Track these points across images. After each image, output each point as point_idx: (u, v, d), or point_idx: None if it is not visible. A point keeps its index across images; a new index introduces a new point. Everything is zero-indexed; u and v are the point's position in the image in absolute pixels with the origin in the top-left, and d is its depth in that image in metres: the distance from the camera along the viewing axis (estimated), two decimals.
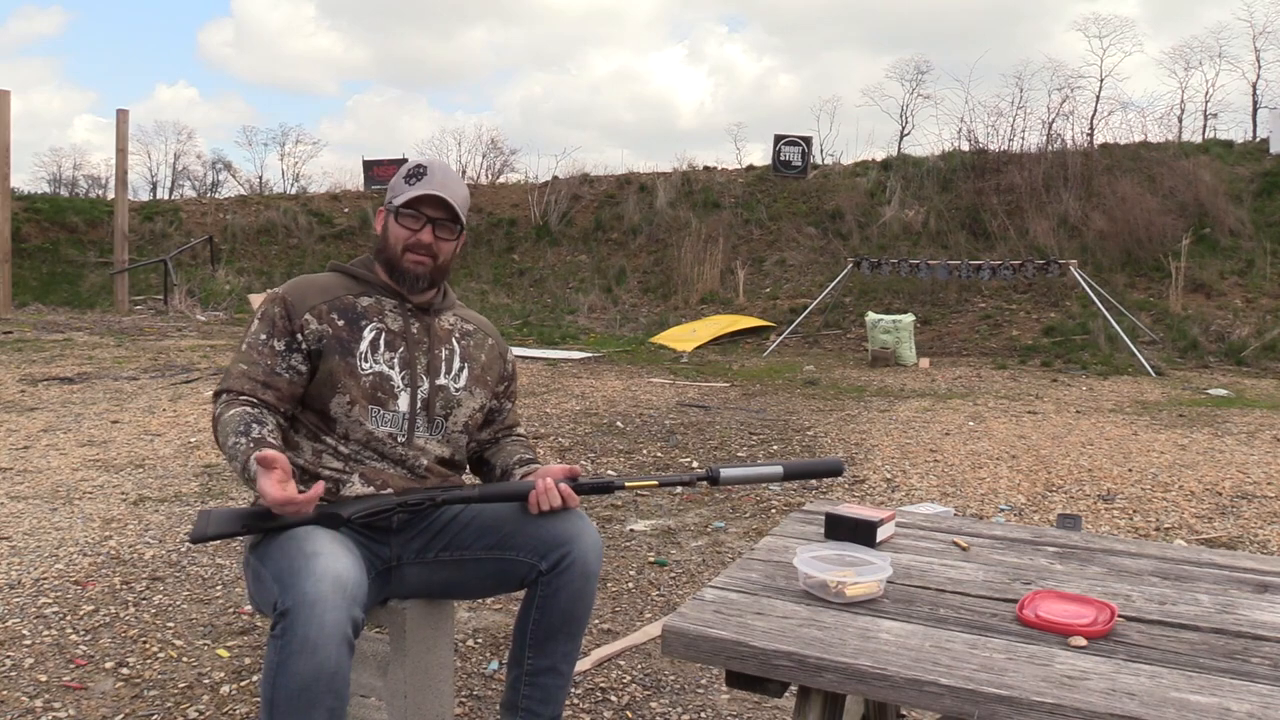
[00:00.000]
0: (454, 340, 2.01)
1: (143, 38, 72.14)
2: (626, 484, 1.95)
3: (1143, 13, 46.78)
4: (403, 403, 1.90)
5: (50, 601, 3.07)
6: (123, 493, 4.43)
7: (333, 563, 1.61)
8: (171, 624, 2.92)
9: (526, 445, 2.12)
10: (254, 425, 1.76)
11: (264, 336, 1.88)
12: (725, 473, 1.93)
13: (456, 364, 1.99)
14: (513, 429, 2.16)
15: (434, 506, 1.88)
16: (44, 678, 2.53)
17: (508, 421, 2.14)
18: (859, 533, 1.84)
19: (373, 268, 1.99)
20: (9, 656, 2.65)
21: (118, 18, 71.95)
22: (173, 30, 72.20)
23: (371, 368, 1.89)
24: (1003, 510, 4.42)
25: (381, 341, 1.91)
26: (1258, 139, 17.25)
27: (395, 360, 1.91)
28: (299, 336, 1.87)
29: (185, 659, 2.68)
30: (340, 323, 1.90)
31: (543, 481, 1.87)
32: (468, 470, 2.12)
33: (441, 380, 1.95)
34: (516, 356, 2.34)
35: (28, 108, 60.39)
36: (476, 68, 66.74)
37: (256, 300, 13.93)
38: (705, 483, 1.94)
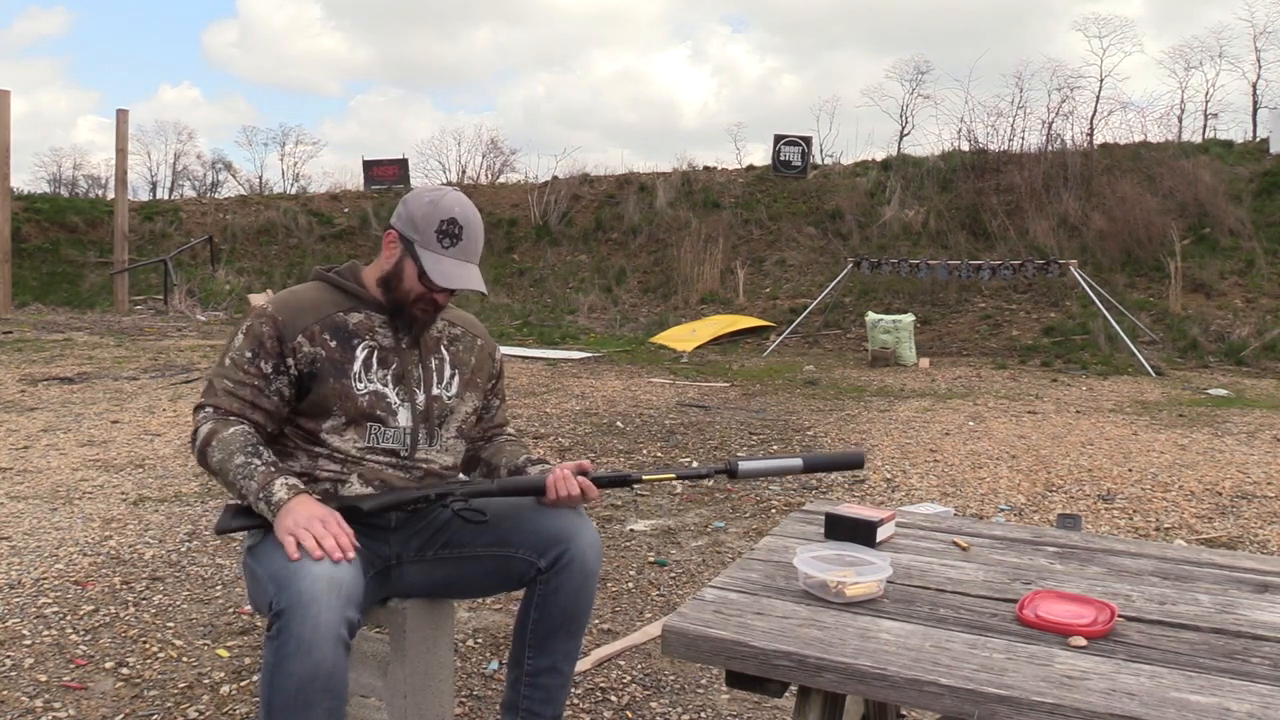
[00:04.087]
0: (442, 348, 1.99)
1: (147, 38, 72.12)
2: (644, 477, 1.94)
3: (1143, 13, 46.72)
4: (402, 418, 1.89)
5: (50, 601, 3.07)
6: (123, 493, 4.43)
7: (327, 562, 1.61)
8: (171, 624, 2.92)
9: (525, 446, 2.12)
10: (261, 448, 1.76)
11: (250, 355, 1.82)
12: (744, 466, 1.92)
13: (448, 372, 1.98)
14: (502, 427, 2.15)
15: (458, 500, 1.87)
16: (44, 678, 2.53)
17: (496, 420, 2.13)
18: (859, 533, 1.84)
19: (360, 278, 1.94)
20: (9, 656, 2.64)
21: (122, 18, 71.90)
22: (177, 31, 72.17)
23: (367, 387, 1.86)
24: (1003, 510, 4.42)
25: (375, 360, 1.88)
26: (1258, 139, 17.24)
27: (389, 377, 1.89)
28: (289, 361, 1.82)
29: (185, 659, 2.68)
30: (333, 343, 1.86)
31: (560, 469, 1.88)
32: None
33: (435, 391, 1.94)
34: (517, 357, 2.33)
35: (32, 108, 60.31)
36: (480, 68, 66.72)
37: (257, 300, 13.92)
38: (724, 476, 1.92)
